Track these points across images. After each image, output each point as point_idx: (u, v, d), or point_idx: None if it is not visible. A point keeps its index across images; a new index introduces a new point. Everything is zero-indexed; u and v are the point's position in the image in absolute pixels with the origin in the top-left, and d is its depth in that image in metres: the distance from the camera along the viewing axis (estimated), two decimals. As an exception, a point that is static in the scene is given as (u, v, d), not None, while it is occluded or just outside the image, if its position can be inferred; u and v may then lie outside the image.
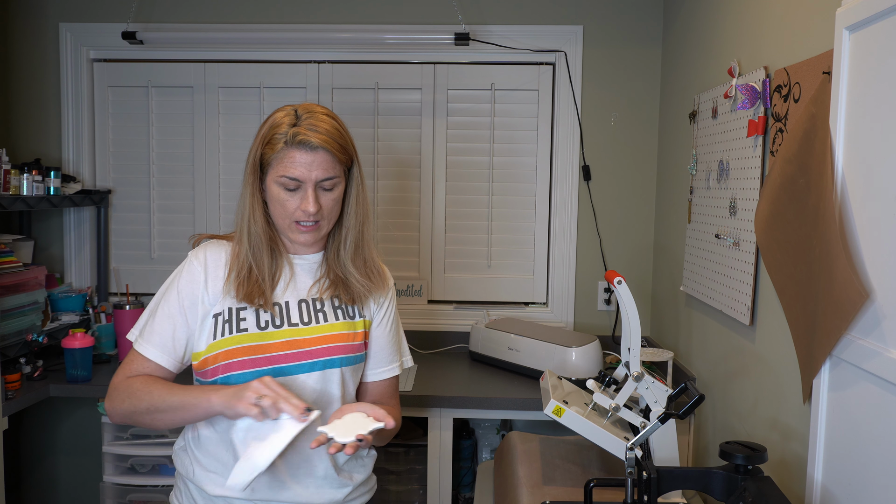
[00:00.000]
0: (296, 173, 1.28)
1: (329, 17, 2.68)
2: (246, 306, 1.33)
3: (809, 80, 1.39)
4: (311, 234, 1.34)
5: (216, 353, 1.31)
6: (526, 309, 2.77)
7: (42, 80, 2.74)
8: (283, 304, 1.36)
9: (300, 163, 1.28)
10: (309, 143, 1.27)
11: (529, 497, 1.58)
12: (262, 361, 1.31)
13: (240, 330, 1.31)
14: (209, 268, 1.35)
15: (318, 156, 1.28)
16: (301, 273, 1.41)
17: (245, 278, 1.33)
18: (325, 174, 1.29)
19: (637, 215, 2.71)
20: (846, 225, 1.18)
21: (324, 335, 1.36)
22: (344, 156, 1.32)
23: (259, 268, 1.34)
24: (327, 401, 1.36)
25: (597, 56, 2.66)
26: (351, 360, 1.39)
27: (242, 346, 1.30)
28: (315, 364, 1.34)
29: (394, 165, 2.75)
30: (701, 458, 2.02)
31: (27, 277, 2.39)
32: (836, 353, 1.21)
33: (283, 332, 1.33)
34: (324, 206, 1.32)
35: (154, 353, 1.33)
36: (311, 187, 1.29)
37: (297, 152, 1.27)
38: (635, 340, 1.49)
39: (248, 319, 1.33)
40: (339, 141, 1.31)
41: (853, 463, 1.16)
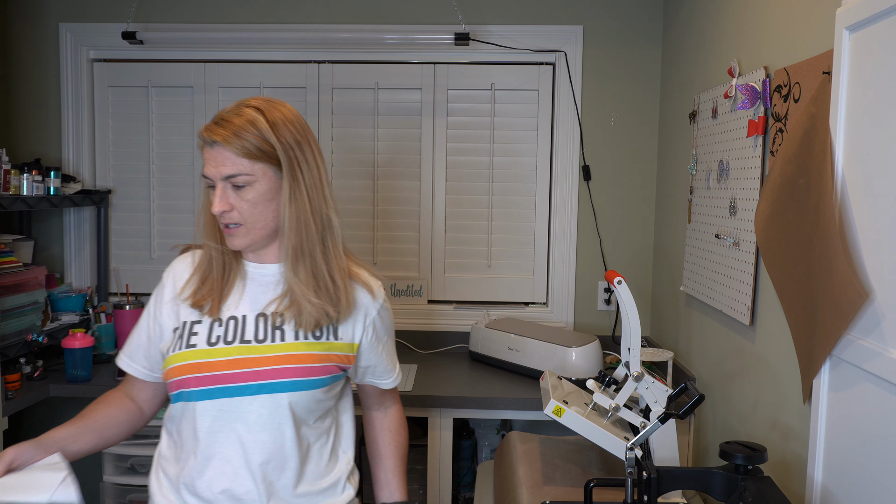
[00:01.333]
0: (205, 171, 1.22)
1: (329, 17, 2.69)
2: (201, 320, 1.25)
3: (809, 80, 1.39)
4: (236, 238, 1.23)
5: (169, 368, 1.24)
6: (526, 309, 2.77)
7: (42, 80, 2.74)
8: (239, 318, 1.26)
9: (207, 160, 1.21)
10: (208, 138, 1.19)
11: (529, 497, 1.58)
12: (209, 380, 1.21)
13: (189, 345, 1.23)
14: (176, 281, 1.31)
15: (219, 151, 1.19)
16: (256, 284, 1.29)
17: (202, 284, 1.28)
18: (229, 171, 1.19)
19: (637, 215, 2.71)
20: (846, 225, 1.18)
21: (276, 355, 1.22)
22: (255, 151, 1.18)
23: (213, 273, 1.28)
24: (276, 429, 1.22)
25: (597, 56, 2.66)
26: (306, 384, 1.23)
27: (190, 363, 1.22)
28: (262, 387, 1.21)
29: (394, 165, 2.75)
30: (701, 458, 2.02)
31: (27, 277, 2.39)
32: (836, 353, 1.21)
33: (233, 349, 1.23)
34: (237, 206, 1.21)
35: (125, 364, 1.34)
36: (219, 186, 1.20)
37: (206, 149, 1.21)
38: (635, 340, 1.49)
39: (200, 334, 1.24)
40: (243, 134, 1.18)
41: (853, 463, 1.16)
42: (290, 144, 1.22)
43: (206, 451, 1.22)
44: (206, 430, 1.22)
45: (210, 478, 1.21)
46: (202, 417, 1.22)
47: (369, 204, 2.76)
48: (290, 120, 1.24)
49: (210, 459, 1.21)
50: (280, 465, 1.24)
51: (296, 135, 1.23)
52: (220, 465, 1.21)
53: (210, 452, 1.22)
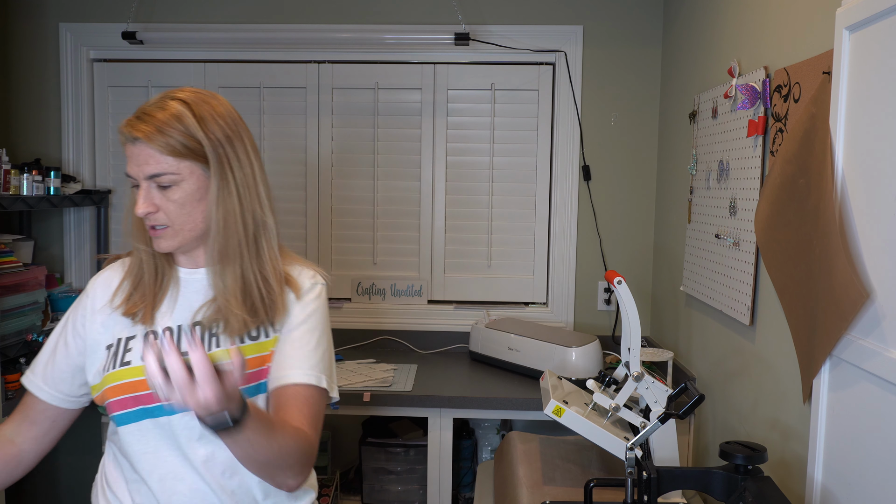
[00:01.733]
0: (128, 169, 1.12)
1: (329, 17, 2.68)
2: (135, 335, 1.17)
3: (809, 80, 1.39)
4: (164, 239, 1.14)
5: (104, 389, 1.16)
6: (526, 309, 2.77)
7: (42, 80, 2.74)
8: (174, 329, 1.17)
9: (129, 157, 1.11)
10: (129, 134, 1.10)
11: (529, 497, 1.58)
12: (146, 398, 1.13)
13: (123, 363, 1.15)
14: (98, 294, 1.22)
15: (141, 149, 1.09)
16: (189, 290, 1.21)
17: (131, 291, 1.19)
18: (153, 170, 1.09)
19: (637, 215, 2.71)
20: (846, 225, 1.18)
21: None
22: (180, 148, 1.10)
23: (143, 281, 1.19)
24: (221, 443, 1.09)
25: (597, 56, 2.66)
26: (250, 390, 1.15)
27: (125, 383, 1.14)
28: None
29: (394, 165, 2.75)
30: (701, 458, 2.02)
31: (27, 277, 2.39)
32: (836, 353, 1.21)
33: None
34: (163, 207, 1.12)
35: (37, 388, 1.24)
36: (143, 186, 1.11)
37: (128, 146, 1.11)
38: (635, 340, 1.49)
39: (135, 350, 1.16)
40: (167, 130, 1.09)
41: (853, 463, 1.16)
42: (220, 141, 1.13)
43: (157, 472, 1.14)
44: (153, 452, 1.14)
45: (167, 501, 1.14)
46: (146, 438, 1.14)
47: (369, 204, 2.76)
48: (220, 114, 1.15)
49: (163, 481, 1.14)
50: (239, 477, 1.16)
51: (226, 130, 1.14)
52: (174, 484, 1.14)
53: (161, 474, 1.14)
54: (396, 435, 2.57)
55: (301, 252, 2.77)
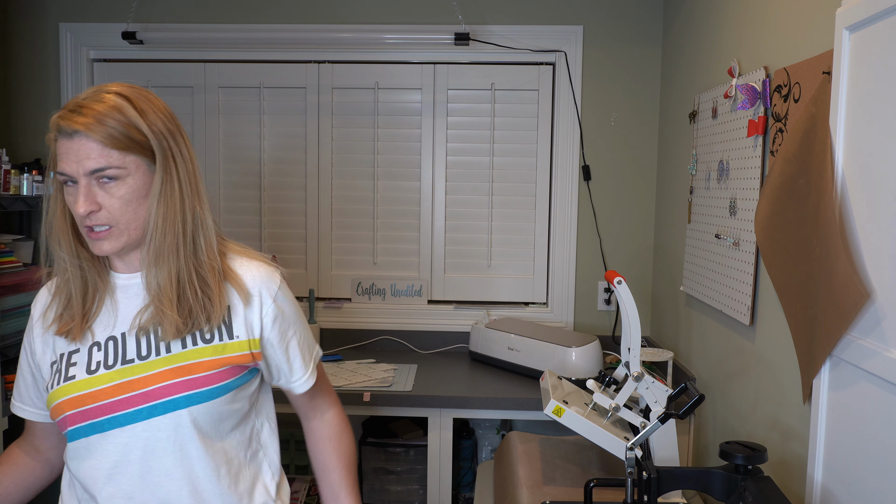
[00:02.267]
0: (62, 166, 1.04)
1: (329, 17, 2.68)
2: (79, 348, 1.12)
3: (809, 80, 1.39)
4: (105, 241, 1.07)
5: (52, 406, 1.11)
6: (526, 309, 2.77)
7: (42, 80, 2.74)
8: (118, 338, 1.12)
9: (64, 153, 1.04)
10: (65, 128, 1.03)
11: (529, 497, 1.58)
12: (93, 412, 1.08)
13: (67, 378, 1.10)
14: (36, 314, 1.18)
15: (81, 143, 1.03)
16: (129, 296, 1.15)
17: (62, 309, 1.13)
18: (96, 164, 1.03)
19: (637, 215, 2.71)
20: (846, 225, 1.18)
21: (163, 370, 1.09)
22: (125, 142, 1.04)
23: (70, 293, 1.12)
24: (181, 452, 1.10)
25: (597, 56, 2.66)
26: (204, 395, 1.10)
27: (71, 398, 1.09)
28: (154, 408, 1.08)
29: (394, 165, 2.75)
30: (701, 458, 2.02)
31: (27, 277, 2.39)
32: (836, 353, 1.21)
33: (116, 372, 1.09)
34: (106, 205, 1.05)
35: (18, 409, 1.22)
36: (82, 183, 1.04)
37: (62, 141, 1.04)
38: (635, 340, 1.49)
39: (79, 364, 1.11)
40: (111, 123, 1.03)
41: (853, 463, 1.16)
42: (163, 134, 1.08)
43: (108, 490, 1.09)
44: (103, 469, 1.09)
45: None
46: (95, 455, 1.09)
47: (369, 204, 2.76)
48: (159, 108, 1.10)
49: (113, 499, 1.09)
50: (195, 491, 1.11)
51: (167, 123, 1.10)
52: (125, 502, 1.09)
53: (112, 492, 1.09)
54: (396, 435, 2.57)
55: (301, 252, 2.78)
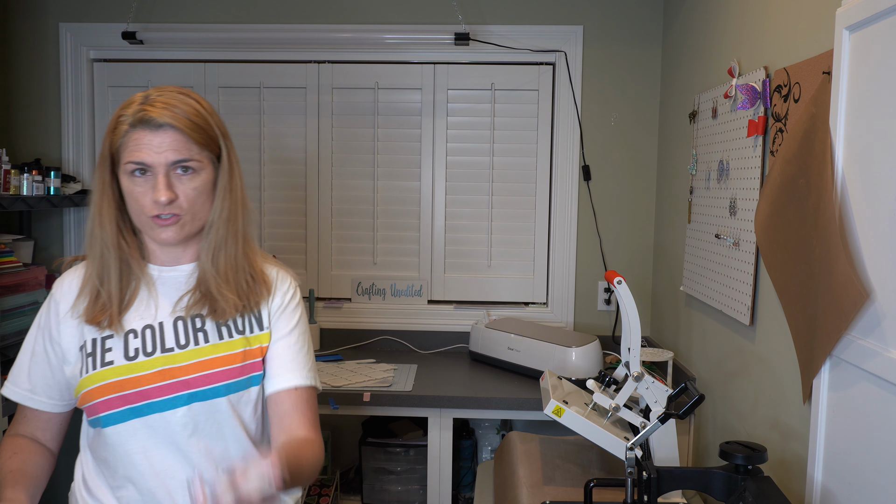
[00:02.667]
0: (142, 157, 1.09)
1: (329, 17, 2.68)
2: (112, 334, 1.15)
3: (809, 80, 1.39)
4: (171, 229, 1.13)
5: (84, 391, 1.14)
6: (526, 309, 2.77)
7: (42, 80, 2.74)
8: (156, 326, 1.17)
9: (146, 144, 1.09)
10: (152, 120, 1.09)
11: (529, 497, 1.58)
12: (133, 397, 1.12)
13: (105, 364, 1.14)
14: (63, 297, 1.20)
15: (167, 135, 1.09)
16: (167, 287, 1.20)
17: (94, 297, 1.16)
18: (177, 156, 1.10)
19: (637, 215, 2.71)
20: (846, 225, 1.18)
21: (203, 360, 1.15)
22: (203, 138, 1.12)
23: (107, 284, 1.16)
24: (218, 436, 1.16)
25: (597, 56, 2.66)
26: (240, 385, 1.17)
27: (109, 383, 1.13)
28: (194, 395, 1.13)
29: (394, 165, 2.75)
30: (701, 458, 2.02)
31: (27, 277, 2.39)
32: (836, 353, 1.21)
33: (155, 360, 1.14)
34: (182, 195, 1.12)
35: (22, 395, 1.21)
36: (161, 173, 1.10)
37: (142, 133, 1.09)
38: (635, 340, 1.49)
39: (115, 350, 1.15)
40: (196, 120, 1.12)
41: (853, 463, 1.16)
42: (225, 133, 1.19)
43: (147, 472, 1.14)
44: (143, 451, 1.13)
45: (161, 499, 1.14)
46: (135, 438, 1.13)
47: (369, 204, 2.76)
48: (215, 111, 1.19)
49: (155, 479, 1.14)
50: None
51: (223, 126, 1.19)
52: (168, 482, 1.14)
53: (152, 473, 1.14)
54: (396, 435, 2.57)
55: (301, 252, 2.78)
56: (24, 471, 1.17)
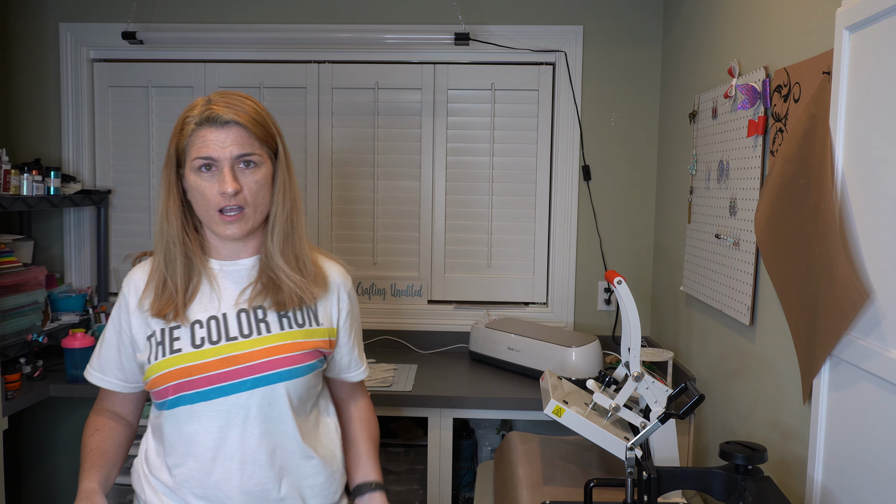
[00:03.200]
0: (209, 151, 1.18)
1: (329, 17, 2.68)
2: (180, 325, 1.24)
3: (809, 80, 1.39)
4: (236, 224, 1.22)
5: (154, 377, 1.23)
6: (526, 309, 2.77)
7: (42, 80, 2.74)
8: (220, 317, 1.26)
9: (212, 140, 1.18)
10: (219, 117, 1.18)
11: (529, 497, 1.58)
12: (200, 382, 1.22)
13: (173, 351, 1.23)
14: (132, 292, 1.29)
15: (232, 131, 1.19)
16: (228, 281, 1.29)
17: (160, 291, 1.25)
18: (241, 150, 1.19)
19: (637, 215, 2.71)
20: (846, 225, 1.18)
21: (265, 348, 1.24)
22: (263, 133, 1.23)
23: (172, 278, 1.25)
24: (277, 420, 1.25)
25: (597, 56, 2.66)
26: (297, 372, 1.26)
27: (177, 369, 1.22)
28: (258, 380, 1.23)
29: (394, 165, 2.75)
30: (701, 458, 2.02)
31: (27, 277, 2.39)
32: (836, 353, 1.21)
33: (220, 348, 1.23)
34: (245, 187, 1.21)
35: (98, 378, 1.33)
36: (227, 166, 1.19)
37: (209, 130, 1.19)
38: (635, 340, 1.49)
39: (183, 339, 1.24)
40: (256, 117, 1.22)
41: (853, 463, 1.16)
42: (280, 132, 1.29)
43: (208, 452, 1.22)
44: (205, 433, 1.22)
45: (218, 478, 1.22)
46: (200, 420, 1.22)
47: (369, 204, 2.76)
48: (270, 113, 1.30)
49: (215, 459, 1.22)
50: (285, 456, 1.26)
51: (277, 125, 1.29)
52: (226, 463, 1.22)
53: (214, 453, 1.22)
54: (396, 435, 2.57)
55: (301, 252, 2.78)
56: (102, 450, 1.29)
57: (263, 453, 1.23)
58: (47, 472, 2.76)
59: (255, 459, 1.23)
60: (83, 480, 1.23)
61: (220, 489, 1.22)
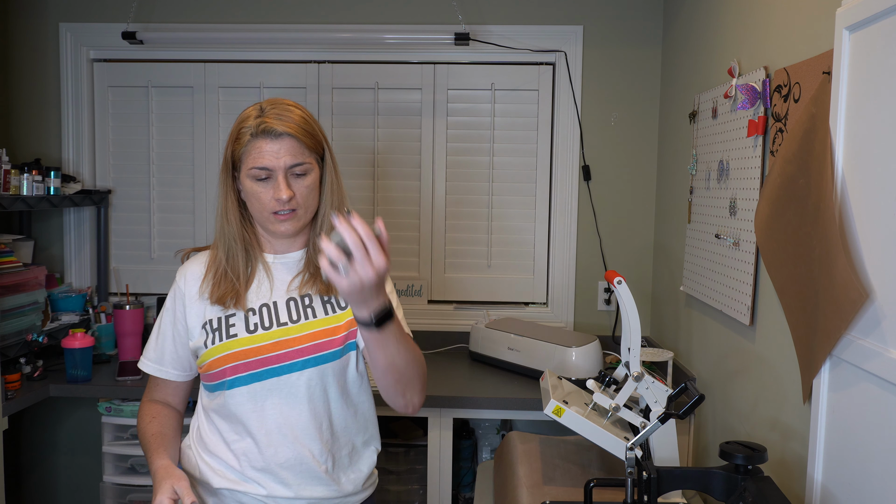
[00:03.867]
0: (264, 162, 1.29)
1: (329, 17, 2.69)
2: (235, 313, 1.36)
3: (809, 80, 1.39)
4: (289, 222, 1.34)
5: (211, 360, 1.35)
6: (526, 309, 2.77)
7: (42, 80, 2.74)
8: (271, 305, 1.37)
9: (267, 151, 1.29)
10: (273, 130, 1.28)
11: (529, 497, 1.58)
12: (254, 364, 1.33)
13: (230, 336, 1.35)
14: (189, 283, 1.41)
15: (285, 142, 1.29)
16: (280, 272, 1.41)
17: (220, 281, 1.37)
18: (293, 160, 1.30)
19: (637, 215, 2.71)
20: (846, 225, 1.18)
21: (312, 332, 1.35)
22: (312, 142, 1.33)
23: (233, 269, 1.37)
24: (324, 398, 1.36)
25: (597, 56, 2.66)
26: (342, 351, 1.37)
27: (233, 352, 1.33)
28: (307, 362, 1.34)
29: (394, 165, 2.75)
30: (701, 458, 2.02)
31: (27, 277, 2.39)
32: (836, 353, 1.21)
33: (272, 332, 1.35)
34: (297, 192, 1.32)
35: (153, 368, 1.44)
36: (281, 174, 1.30)
37: (264, 142, 1.29)
38: (635, 340, 1.49)
39: (238, 325, 1.35)
40: (306, 128, 1.32)
41: (853, 463, 1.16)
42: (325, 137, 1.39)
43: (264, 427, 1.33)
44: (261, 410, 1.33)
45: (274, 451, 1.33)
46: (256, 398, 1.33)
47: (369, 204, 2.76)
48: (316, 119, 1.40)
49: (270, 434, 1.33)
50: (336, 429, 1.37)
51: (323, 130, 1.40)
52: (281, 438, 1.33)
53: (269, 428, 1.33)
54: (396, 435, 2.57)
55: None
56: (163, 434, 1.38)
57: (313, 429, 1.33)
58: (47, 472, 2.76)
59: (307, 434, 1.33)
60: (155, 460, 1.31)
61: (275, 461, 1.33)
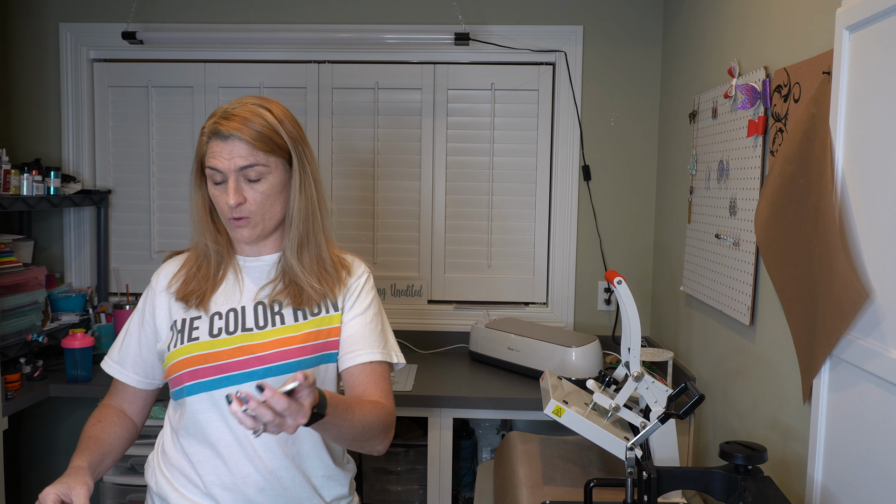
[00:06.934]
0: (216, 163, 1.23)
1: (329, 17, 2.69)
2: (200, 315, 1.30)
3: (809, 80, 1.39)
4: (245, 229, 1.28)
5: (171, 364, 1.29)
6: (526, 309, 2.77)
7: (42, 80, 2.74)
8: (238, 310, 1.31)
9: (217, 153, 1.23)
10: (220, 132, 1.23)
11: (529, 497, 1.58)
12: (212, 371, 1.26)
13: (191, 339, 1.28)
14: (160, 281, 1.37)
15: (234, 145, 1.22)
16: (251, 276, 1.35)
17: (189, 280, 1.33)
18: (243, 162, 1.22)
19: (637, 215, 2.71)
20: (846, 225, 1.18)
21: (278, 339, 1.28)
22: (267, 145, 1.24)
23: (204, 270, 1.33)
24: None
25: (597, 56, 2.66)
26: (312, 361, 1.29)
27: (193, 356, 1.27)
28: (268, 370, 1.26)
29: (394, 165, 2.75)
30: (701, 458, 2.02)
31: (27, 277, 2.39)
32: (836, 353, 1.21)
33: (235, 338, 1.28)
34: (250, 198, 1.25)
35: (115, 370, 1.38)
36: (232, 178, 1.23)
37: (215, 143, 1.24)
38: (635, 340, 1.49)
39: (202, 328, 1.29)
40: (260, 129, 1.23)
41: (853, 463, 1.16)
42: (296, 138, 1.29)
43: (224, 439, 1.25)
44: (221, 419, 1.25)
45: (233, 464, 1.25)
46: (215, 408, 1.25)
47: (369, 204, 2.76)
48: (289, 117, 1.30)
49: (229, 446, 1.25)
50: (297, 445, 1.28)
51: (297, 130, 1.30)
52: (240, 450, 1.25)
53: (228, 440, 1.25)
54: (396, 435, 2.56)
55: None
56: (99, 438, 1.30)
57: (275, 442, 1.25)
58: (47, 472, 2.76)
59: (268, 447, 1.25)
60: (74, 459, 1.24)
61: (234, 475, 1.25)
